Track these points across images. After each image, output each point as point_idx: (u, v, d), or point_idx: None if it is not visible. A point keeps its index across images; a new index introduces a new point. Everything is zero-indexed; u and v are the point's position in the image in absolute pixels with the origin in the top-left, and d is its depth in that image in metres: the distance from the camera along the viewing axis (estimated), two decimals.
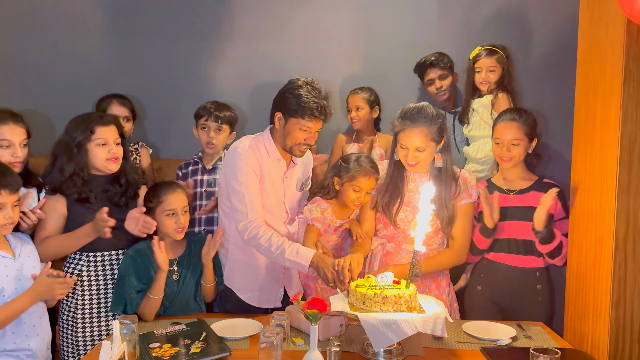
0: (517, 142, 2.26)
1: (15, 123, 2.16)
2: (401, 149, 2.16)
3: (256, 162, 2.20)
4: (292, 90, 2.15)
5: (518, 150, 2.27)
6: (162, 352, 1.80)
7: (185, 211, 2.19)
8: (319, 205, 2.31)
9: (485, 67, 2.79)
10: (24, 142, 2.19)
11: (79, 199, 2.14)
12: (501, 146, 2.28)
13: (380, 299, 1.79)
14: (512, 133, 2.26)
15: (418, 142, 2.10)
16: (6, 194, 1.90)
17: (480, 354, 1.87)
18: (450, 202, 2.18)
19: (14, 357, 1.93)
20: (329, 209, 2.31)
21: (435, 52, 2.96)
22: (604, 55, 1.97)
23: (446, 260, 2.23)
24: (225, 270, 2.31)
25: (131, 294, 2.10)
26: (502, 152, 2.28)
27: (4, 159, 2.13)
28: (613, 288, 1.88)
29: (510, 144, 2.27)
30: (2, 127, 2.13)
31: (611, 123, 1.90)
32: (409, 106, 2.15)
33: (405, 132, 2.12)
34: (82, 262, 2.18)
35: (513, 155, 2.27)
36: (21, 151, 2.16)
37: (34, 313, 1.98)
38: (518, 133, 2.26)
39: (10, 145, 2.14)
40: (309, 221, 2.31)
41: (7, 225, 1.93)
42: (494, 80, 2.79)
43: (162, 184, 2.25)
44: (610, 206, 1.89)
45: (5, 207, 1.91)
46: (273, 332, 1.69)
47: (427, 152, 2.13)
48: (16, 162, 2.15)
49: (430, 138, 2.11)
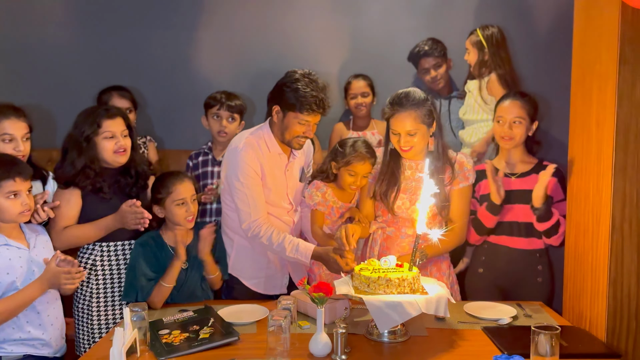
0: (519, 120, 2.29)
1: (17, 117, 2.17)
2: (393, 135, 2.18)
3: (257, 161, 2.21)
4: (290, 83, 2.15)
5: (519, 129, 2.30)
6: (172, 338, 1.84)
7: (194, 199, 2.23)
8: (318, 189, 2.35)
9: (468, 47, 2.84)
10: (26, 136, 2.20)
11: (92, 190, 2.17)
12: (503, 124, 2.31)
13: (384, 281, 1.83)
14: (514, 111, 2.29)
15: (408, 126, 2.13)
16: (20, 180, 1.93)
17: (482, 333, 1.92)
18: (443, 187, 2.20)
19: (28, 346, 1.96)
20: (329, 190, 2.36)
21: (428, 40, 2.95)
22: (599, 38, 2.00)
23: (448, 243, 2.27)
24: (231, 259, 2.34)
25: (142, 282, 2.13)
26: (504, 130, 2.31)
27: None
28: (610, 267, 1.92)
29: (512, 122, 2.29)
30: (4, 121, 2.14)
31: (607, 105, 1.93)
32: (398, 92, 2.18)
33: (395, 117, 2.15)
34: (96, 251, 2.22)
35: (514, 134, 2.30)
36: (23, 145, 2.17)
37: (47, 303, 2.01)
38: (520, 111, 2.29)
39: (13, 140, 2.15)
40: (312, 206, 2.34)
41: (24, 212, 1.95)
42: (473, 62, 2.81)
43: (169, 174, 2.27)
44: (607, 187, 1.93)
45: (21, 194, 1.93)
46: (281, 316, 1.73)
47: (419, 135, 2.15)
48: (19, 156, 2.16)
49: (420, 121, 2.14)
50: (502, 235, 2.36)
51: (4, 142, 2.14)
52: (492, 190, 2.25)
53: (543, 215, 2.24)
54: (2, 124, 2.14)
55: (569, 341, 1.81)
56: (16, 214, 1.93)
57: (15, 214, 1.93)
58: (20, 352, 1.95)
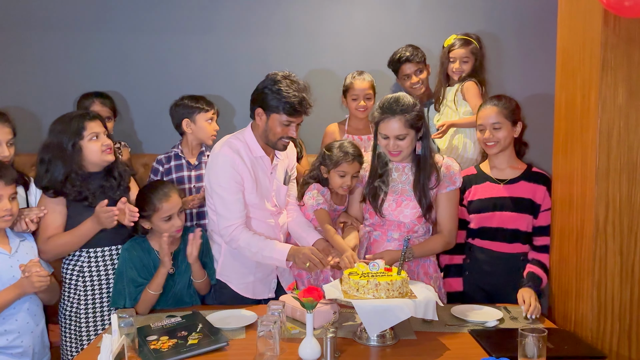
0: (498, 125, 2.30)
1: (1, 122, 2.15)
2: (382, 139, 2.20)
3: (238, 168, 2.21)
4: (271, 86, 2.17)
5: (501, 133, 2.31)
6: (160, 344, 1.83)
7: (181, 211, 2.21)
8: (319, 191, 2.41)
9: (459, 57, 2.83)
10: (10, 141, 2.18)
11: (78, 198, 2.14)
12: (484, 131, 2.33)
13: (373, 285, 1.84)
14: (492, 117, 2.31)
15: (398, 130, 2.15)
16: (1, 185, 1.91)
17: (470, 336, 1.94)
18: (428, 190, 2.23)
19: (6, 355, 1.94)
20: (328, 193, 2.42)
21: (408, 46, 2.96)
22: (582, 44, 2.03)
23: (436, 245, 2.29)
24: (219, 264, 2.33)
25: (130, 289, 2.12)
26: (485, 136, 2.33)
27: None
28: (595, 269, 1.95)
29: (492, 127, 2.31)
30: None
31: (591, 111, 1.97)
32: (387, 97, 2.20)
33: (384, 121, 2.17)
34: (83, 258, 2.20)
35: (498, 138, 2.31)
36: (8, 150, 2.15)
37: (28, 310, 1.98)
38: (498, 116, 2.30)
39: None
40: (314, 207, 2.38)
41: (5, 217, 1.93)
42: (467, 71, 2.84)
43: (153, 188, 2.21)
44: (590, 190, 1.96)
45: (2, 199, 1.91)
46: (270, 321, 1.73)
47: (408, 140, 2.18)
48: (3, 161, 2.14)
49: (409, 125, 2.16)
50: (486, 240, 2.37)
51: None
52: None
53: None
54: None
55: (554, 343, 1.83)
56: None
57: None
58: None
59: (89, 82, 3.04)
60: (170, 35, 3.23)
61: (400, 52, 2.96)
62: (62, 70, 3.21)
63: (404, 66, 2.95)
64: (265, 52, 3.23)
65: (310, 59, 3.25)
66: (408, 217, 2.24)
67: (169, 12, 3.22)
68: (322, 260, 2.13)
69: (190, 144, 2.75)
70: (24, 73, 3.21)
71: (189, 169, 2.70)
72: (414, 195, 2.23)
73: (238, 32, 3.24)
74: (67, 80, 3.18)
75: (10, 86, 3.20)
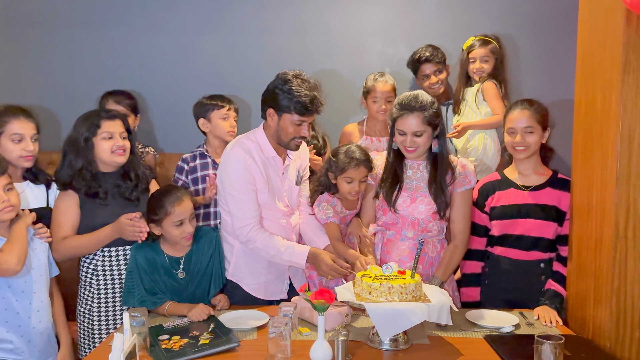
0: (530, 129, 2.27)
1: (26, 118, 2.19)
2: (399, 135, 2.19)
3: (250, 169, 2.21)
4: (282, 85, 2.17)
5: (532, 138, 2.27)
6: (172, 343, 1.83)
7: (192, 217, 2.18)
8: (328, 203, 2.36)
9: (479, 57, 2.85)
10: (35, 136, 2.21)
11: (88, 194, 2.16)
12: (515, 135, 2.28)
13: (386, 288, 1.82)
14: (525, 121, 2.27)
15: (415, 127, 2.14)
16: None
17: (484, 342, 1.91)
18: (447, 187, 2.21)
19: (6, 352, 1.93)
20: (338, 203, 2.37)
21: (428, 47, 2.95)
22: (603, 45, 1.99)
23: (456, 257, 2.26)
24: (231, 264, 2.33)
25: (139, 288, 2.11)
26: (516, 140, 2.28)
27: (15, 153, 2.15)
28: (614, 275, 1.91)
29: (523, 132, 2.27)
30: (13, 122, 2.16)
31: (611, 113, 1.92)
32: (405, 94, 2.20)
33: (402, 117, 2.16)
34: (98, 256, 2.21)
35: (528, 143, 2.27)
36: (32, 145, 2.19)
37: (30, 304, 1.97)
38: (530, 121, 2.27)
39: (22, 140, 2.16)
40: (324, 220, 2.35)
41: (5, 209, 1.91)
42: (488, 71, 2.84)
43: (166, 192, 2.17)
44: (610, 195, 1.92)
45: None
46: (282, 322, 1.72)
47: (425, 137, 2.17)
48: (28, 156, 2.17)
49: (427, 122, 2.15)
50: (506, 247, 2.32)
51: (14, 142, 2.15)
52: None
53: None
54: (12, 124, 2.15)
55: (572, 350, 1.79)
56: None
57: None
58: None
59: (106, 81, 3.07)
60: (188, 35, 3.25)
61: (420, 52, 2.94)
62: (81, 70, 3.24)
63: (423, 66, 2.94)
64: (281, 52, 3.23)
65: (325, 59, 3.25)
66: (422, 213, 2.21)
67: (186, 12, 3.24)
68: (346, 269, 2.13)
69: (211, 142, 2.78)
70: (42, 72, 3.26)
71: (214, 167, 2.71)
72: (429, 192, 2.21)
73: (254, 31, 3.25)
74: (85, 79, 3.22)
75: (30, 84, 3.26)
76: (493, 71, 2.85)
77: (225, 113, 2.72)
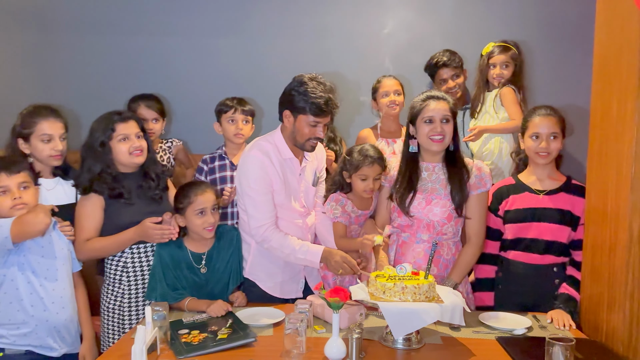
0: (555, 135, 2.30)
1: (55, 118, 2.26)
2: (425, 125, 2.21)
3: (267, 170, 2.26)
4: (298, 87, 2.22)
5: (556, 144, 2.30)
6: (191, 337, 1.89)
7: (214, 209, 2.26)
8: (337, 203, 2.40)
9: (499, 62, 2.88)
10: (63, 135, 2.29)
11: (112, 195, 2.21)
12: (540, 140, 2.30)
13: (400, 289, 1.85)
14: (551, 126, 2.30)
15: (443, 111, 2.19)
16: (6, 176, 1.95)
17: (497, 343, 1.93)
18: (465, 184, 2.23)
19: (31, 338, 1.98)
20: (348, 202, 2.40)
21: (445, 51, 2.98)
22: (619, 51, 2.00)
23: (470, 259, 2.28)
24: (248, 263, 2.39)
25: (162, 284, 2.18)
26: (541, 145, 2.30)
27: (45, 153, 2.23)
28: (627, 280, 1.91)
29: (549, 137, 2.30)
30: (43, 122, 2.23)
31: (627, 118, 1.93)
32: (423, 92, 2.28)
33: (429, 105, 2.21)
34: (126, 254, 2.26)
35: (552, 149, 2.30)
36: (61, 144, 2.26)
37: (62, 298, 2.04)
38: (556, 127, 2.30)
39: (51, 140, 2.24)
40: (332, 219, 2.39)
41: (17, 207, 1.95)
42: (507, 76, 2.87)
43: (191, 184, 2.31)
44: (625, 199, 1.93)
45: (10, 189, 1.95)
46: (298, 319, 1.77)
47: (451, 125, 2.20)
48: (56, 155, 2.25)
49: (451, 110, 2.21)
50: (520, 251, 2.34)
51: (43, 142, 2.23)
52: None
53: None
54: (42, 124, 2.23)
55: (584, 354, 1.81)
56: (7, 209, 1.94)
57: (7, 209, 1.94)
58: (23, 346, 1.96)
59: (128, 83, 3.17)
60: (207, 39, 3.33)
61: (438, 57, 2.98)
62: (104, 72, 3.35)
63: (441, 71, 2.97)
64: (301, 55, 3.29)
65: (342, 62, 3.30)
66: (437, 215, 2.23)
67: (206, 17, 3.33)
68: (354, 267, 2.18)
69: (227, 144, 2.84)
70: (67, 73, 3.37)
71: (231, 169, 2.77)
72: (449, 190, 2.23)
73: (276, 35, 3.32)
74: (108, 80, 3.33)
75: (54, 85, 3.36)
76: (512, 77, 2.87)
77: (231, 116, 2.76)
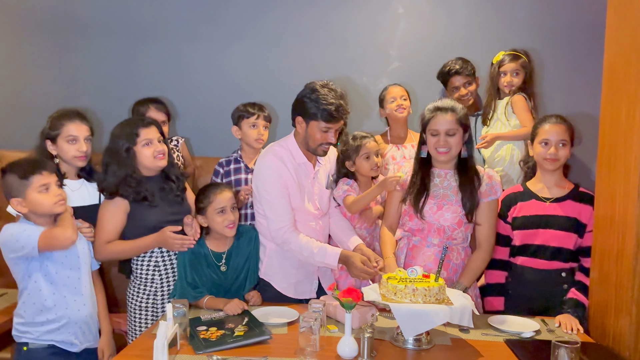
0: (564, 142, 2.35)
1: (80, 121, 2.36)
2: (432, 137, 2.27)
3: (282, 174, 2.34)
4: (310, 94, 2.29)
5: (565, 151, 2.35)
6: (209, 334, 1.97)
7: (233, 207, 2.34)
8: (344, 182, 2.59)
9: (509, 71, 2.92)
10: (88, 137, 2.38)
11: (137, 199, 2.27)
12: (549, 146, 2.35)
13: (411, 290, 1.91)
14: (560, 134, 2.35)
15: (448, 124, 2.24)
16: (47, 174, 2.06)
17: (505, 346, 1.98)
18: (476, 191, 2.28)
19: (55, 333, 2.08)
20: (354, 184, 2.58)
21: (458, 59, 3.03)
22: (628, 59, 2.03)
23: (481, 264, 2.33)
24: (263, 264, 2.46)
25: (182, 283, 2.26)
26: (550, 151, 2.34)
27: (70, 154, 2.32)
28: (634, 285, 1.95)
29: (558, 144, 2.34)
30: (69, 124, 2.33)
31: (635, 127, 1.97)
32: (434, 102, 2.33)
33: (435, 118, 2.26)
34: (156, 253, 2.33)
35: (560, 156, 2.35)
36: (86, 146, 2.35)
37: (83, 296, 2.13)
38: (565, 134, 2.36)
39: (76, 141, 2.33)
40: (341, 196, 2.54)
41: (59, 203, 2.06)
42: (518, 84, 2.91)
43: (210, 185, 2.41)
44: (632, 206, 1.96)
45: (51, 186, 2.05)
46: (312, 317, 1.83)
47: (457, 137, 2.25)
48: (81, 156, 2.34)
49: (459, 122, 2.25)
50: (527, 257, 2.38)
51: (69, 143, 2.33)
52: None
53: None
54: (68, 126, 2.33)
55: (591, 358, 1.84)
56: (51, 205, 2.04)
57: (50, 205, 2.04)
58: (46, 341, 2.06)
59: (145, 86, 3.27)
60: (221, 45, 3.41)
61: (450, 65, 3.02)
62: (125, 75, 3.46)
63: (453, 78, 3.02)
64: (312, 61, 3.36)
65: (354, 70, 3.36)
66: (448, 220, 2.28)
67: (220, 23, 3.40)
68: (374, 271, 2.22)
69: (244, 148, 2.89)
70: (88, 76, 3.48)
71: (246, 172, 2.84)
72: (460, 197, 2.28)
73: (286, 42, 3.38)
74: (127, 84, 3.43)
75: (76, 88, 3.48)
76: (523, 85, 2.92)
77: (254, 121, 2.81)
